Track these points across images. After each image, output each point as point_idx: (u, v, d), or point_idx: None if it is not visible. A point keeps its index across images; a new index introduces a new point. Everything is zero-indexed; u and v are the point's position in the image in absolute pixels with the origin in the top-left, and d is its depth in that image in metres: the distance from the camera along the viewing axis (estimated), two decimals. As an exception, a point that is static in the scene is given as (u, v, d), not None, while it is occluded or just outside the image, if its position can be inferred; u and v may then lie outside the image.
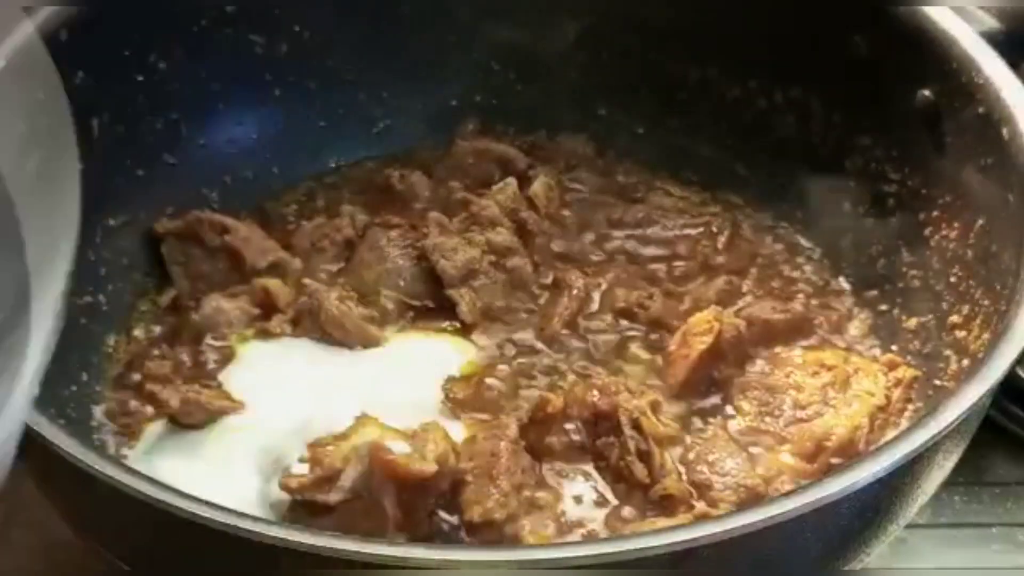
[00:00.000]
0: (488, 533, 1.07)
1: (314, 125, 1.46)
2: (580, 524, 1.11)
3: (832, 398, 1.20)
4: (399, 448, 1.08)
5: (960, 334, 1.17)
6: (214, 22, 1.37)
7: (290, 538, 0.89)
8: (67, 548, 1.22)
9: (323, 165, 1.47)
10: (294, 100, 1.44)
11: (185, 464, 1.15)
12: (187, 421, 1.17)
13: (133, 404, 1.22)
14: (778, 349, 1.26)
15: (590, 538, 1.09)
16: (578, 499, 1.13)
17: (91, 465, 0.93)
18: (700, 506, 1.11)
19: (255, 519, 0.91)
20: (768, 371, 1.24)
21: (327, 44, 1.44)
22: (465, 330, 1.28)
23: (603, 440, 1.15)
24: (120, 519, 0.99)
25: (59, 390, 1.19)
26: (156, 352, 1.27)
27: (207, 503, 0.91)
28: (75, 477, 0.95)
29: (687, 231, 1.40)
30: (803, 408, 1.20)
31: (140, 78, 1.33)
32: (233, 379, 1.23)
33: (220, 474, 1.13)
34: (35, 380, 0.81)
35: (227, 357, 1.25)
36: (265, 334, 1.26)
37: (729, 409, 1.21)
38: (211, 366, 1.24)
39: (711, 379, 1.22)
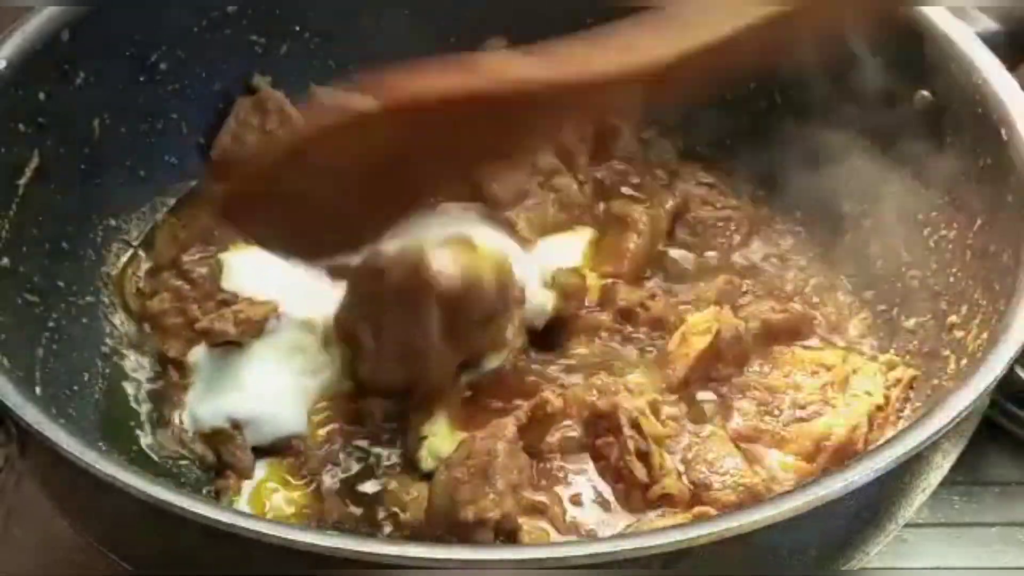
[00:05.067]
0: (483, 533, 1.07)
1: (315, 125, 1.46)
2: (579, 524, 1.11)
3: (831, 398, 1.20)
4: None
5: (959, 334, 1.17)
6: (214, 22, 1.37)
7: (291, 538, 0.89)
8: (68, 547, 1.22)
9: (323, 165, 1.47)
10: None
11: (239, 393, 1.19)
12: (239, 340, 1.19)
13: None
14: (777, 349, 1.26)
15: (589, 538, 1.09)
16: (577, 499, 1.13)
17: (91, 464, 0.93)
18: (699, 505, 1.12)
19: (256, 519, 0.91)
20: (767, 371, 1.24)
21: (327, 44, 1.44)
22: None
23: (602, 440, 1.15)
24: (120, 518, 0.99)
25: (59, 390, 1.19)
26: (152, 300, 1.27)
27: (208, 502, 0.91)
28: (75, 477, 0.95)
29: (687, 231, 1.40)
30: (802, 408, 1.20)
31: (141, 78, 1.33)
32: (242, 286, 1.24)
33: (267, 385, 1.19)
34: None
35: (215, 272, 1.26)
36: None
37: (728, 409, 1.22)
38: (208, 286, 1.26)
39: (710, 379, 1.23)
